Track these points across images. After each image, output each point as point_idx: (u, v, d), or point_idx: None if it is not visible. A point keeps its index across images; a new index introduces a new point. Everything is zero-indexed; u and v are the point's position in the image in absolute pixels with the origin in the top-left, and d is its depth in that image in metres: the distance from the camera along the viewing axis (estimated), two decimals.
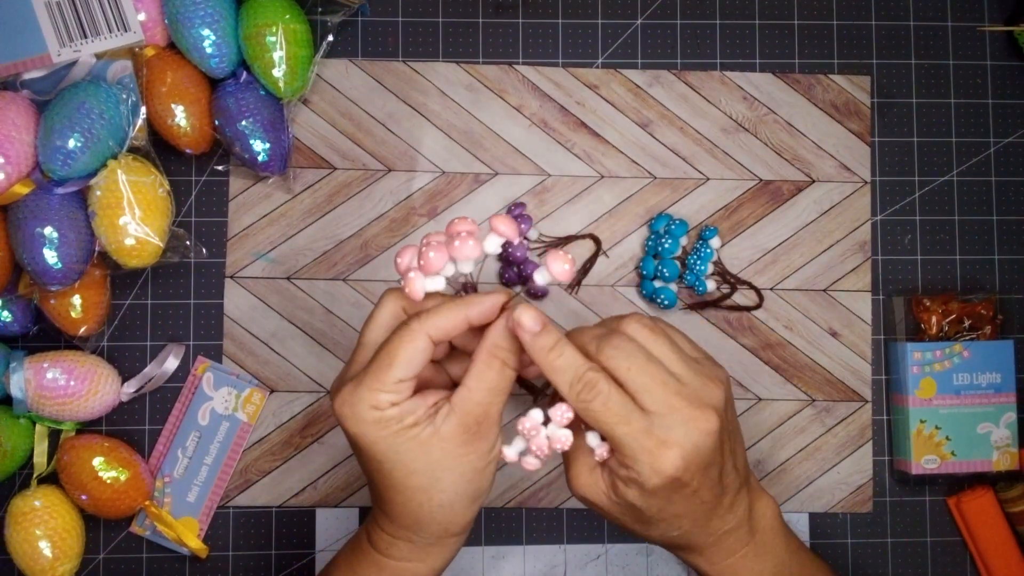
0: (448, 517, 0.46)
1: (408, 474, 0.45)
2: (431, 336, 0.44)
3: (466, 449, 0.45)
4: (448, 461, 0.45)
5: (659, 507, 0.45)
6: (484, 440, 0.45)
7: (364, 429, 0.44)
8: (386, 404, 0.43)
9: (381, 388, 0.43)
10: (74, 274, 0.57)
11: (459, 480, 0.45)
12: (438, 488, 0.45)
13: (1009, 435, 0.64)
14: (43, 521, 0.59)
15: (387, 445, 0.44)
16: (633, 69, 0.66)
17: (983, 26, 0.68)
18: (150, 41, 0.61)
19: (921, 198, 0.67)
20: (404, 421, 0.44)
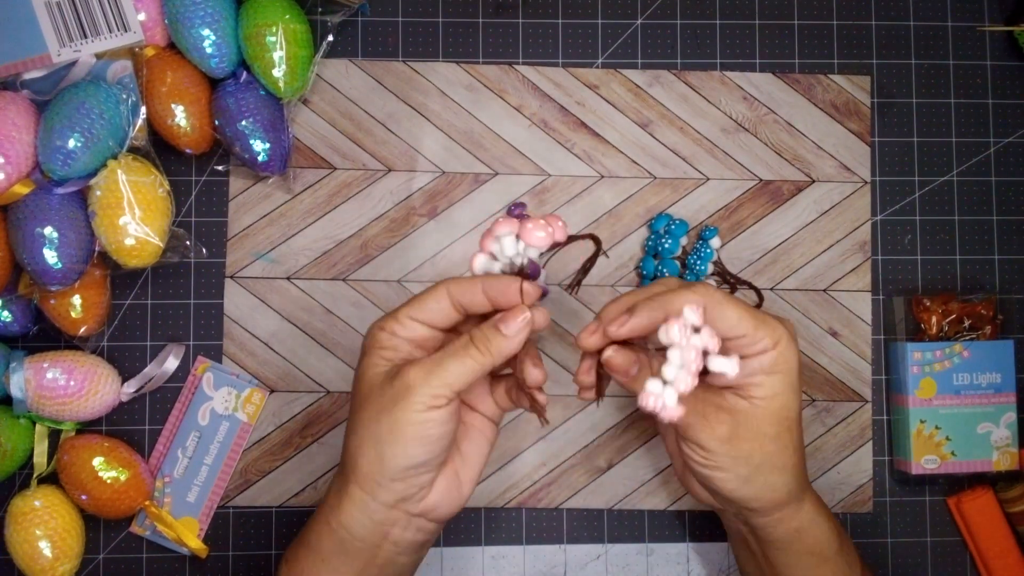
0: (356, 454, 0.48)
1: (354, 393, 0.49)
2: (451, 292, 0.48)
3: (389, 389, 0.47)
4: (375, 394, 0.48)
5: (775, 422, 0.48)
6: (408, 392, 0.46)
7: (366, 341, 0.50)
8: (388, 328, 0.49)
9: (392, 316, 0.49)
10: (74, 274, 0.57)
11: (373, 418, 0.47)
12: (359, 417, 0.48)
13: (1009, 435, 0.64)
14: (43, 521, 0.59)
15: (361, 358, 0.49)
16: (633, 69, 0.66)
17: (983, 26, 0.68)
18: (150, 41, 0.61)
19: (921, 198, 0.67)
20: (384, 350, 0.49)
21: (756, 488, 0.49)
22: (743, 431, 0.48)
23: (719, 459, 0.48)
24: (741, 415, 0.48)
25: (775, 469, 0.49)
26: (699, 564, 0.65)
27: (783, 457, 0.49)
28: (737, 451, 0.48)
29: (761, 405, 0.48)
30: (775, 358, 0.48)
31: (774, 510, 0.51)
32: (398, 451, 0.47)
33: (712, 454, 0.48)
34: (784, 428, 0.49)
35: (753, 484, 0.49)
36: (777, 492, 0.50)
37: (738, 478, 0.49)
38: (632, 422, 0.65)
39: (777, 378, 0.48)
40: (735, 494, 0.50)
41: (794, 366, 0.49)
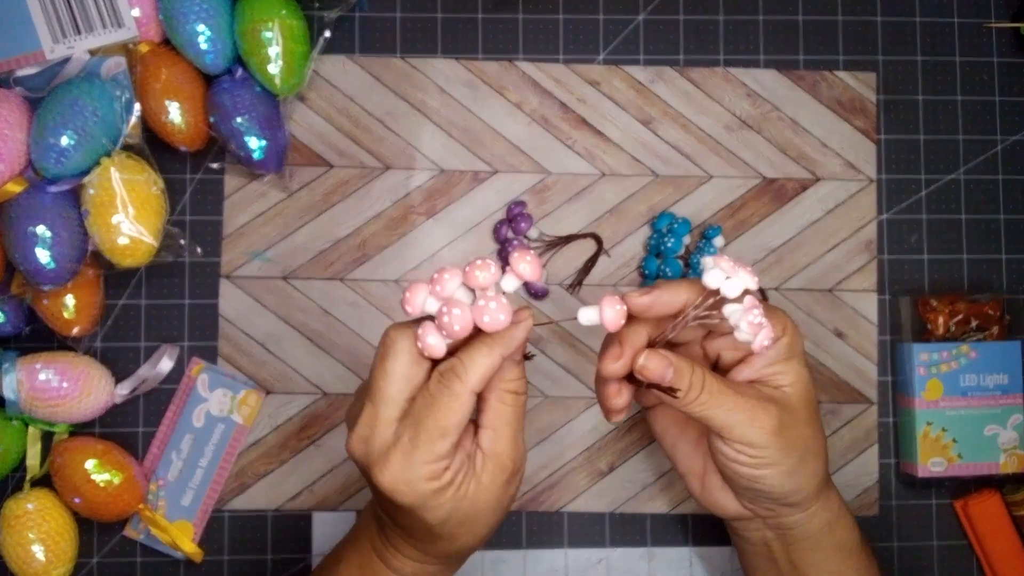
0: (481, 541, 0.48)
1: (459, 523, 0.46)
2: (475, 390, 0.44)
3: (506, 488, 0.47)
4: (493, 504, 0.46)
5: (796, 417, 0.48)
6: (518, 473, 0.47)
7: (422, 501, 0.44)
8: (442, 471, 0.44)
9: (438, 458, 0.44)
10: (67, 274, 0.57)
11: (500, 513, 0.47)
12: (483, 523, 0.47)
13: (1016, 437, 0.63)
14: (36, 524, 0.59)
15: (440, 508, 0.45)
16: (635, 65, 0.66)
17: (990, 22, 0.67)
18: (144, 37, 0.60)
19: (928, 196, 0.66)
20: (455, 485, 0.45)
21: (801, 477, 0.49)
22: (788, 419, 0.47)
23: (769, 453, 0.47)
24: (783, 404, 0.48)
25: (814, 454, 0.49)
26: (702, 569, 0.64)
27: (819, 440, 0.49)
28: (785, 441, 0.47)
29: (791, 392, 0.48)
30: (788, 344, 0.48)
31: (813, 501, 0.50)
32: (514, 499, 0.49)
33: (762, 449, 0.47)
34: (813, 410, 0.49)
35: (798, 474, 0.48)
36: (818, 478, 0.50)
37: (786, 471, 0.48)
38: (634, 424, 0.64)
39: (795, 363, 0.48)
40: (782, 488, 0.49)
41: (802, 349, 0.49)
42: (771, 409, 0.47)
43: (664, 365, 0.46)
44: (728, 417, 0.47)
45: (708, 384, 0.46)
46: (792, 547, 0.52)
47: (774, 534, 0.52)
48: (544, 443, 0.64)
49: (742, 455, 0.48)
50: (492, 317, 0.43)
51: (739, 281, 0.46)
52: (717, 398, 0.46)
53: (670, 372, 0.46)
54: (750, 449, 0.47)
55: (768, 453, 0.47)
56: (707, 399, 0.46)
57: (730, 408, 0.47)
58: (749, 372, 0.49)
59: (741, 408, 0.47)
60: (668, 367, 0.46)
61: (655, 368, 0.46)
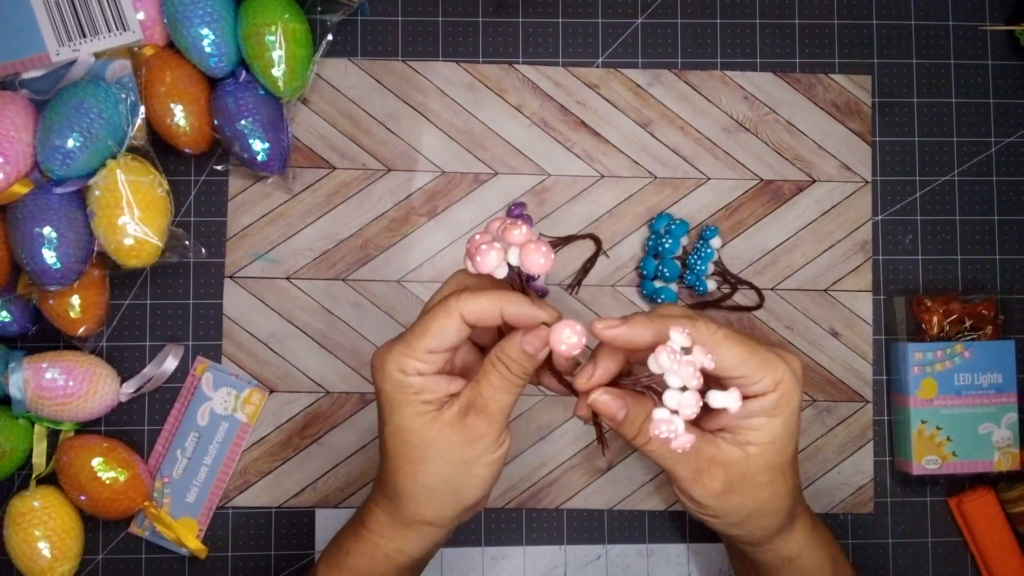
0: (426, 502, 0.48)
1: (402, 443, 0.47)
2: (464, 316, 0.45)
3: (459, 438, 0.46)
4: (440, 444, 0.46)
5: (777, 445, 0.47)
6: (480, 437, 0.46)
7: (385, 386, 0.46)
8: (412, 370, 0.46)
9: (411, 354, 0.46)
10: (73, 274, 0.57)
11: (446, 467, 0.47)
12: (424, 468, 0.47)
13: (1010, 435, 0.64)
14: (42, 522, 0.59)
15: (396, 408, 0.47)
16: (633, 68, 0.66)
17: (984, 25, 0.68)
18: (149, 40, 0.60)
19: (922, 198, 0.67)
20: (421, 394, 0.46)
21: (747, 530, 0.49)
22: (736, 484, 0.47)
23: (711, 509, 0.48)
24: (735, 468, 0.46)
25: (767, 514, 0.48)
26: (699, 565, 0.65)
27: (775, 503, 0.48)
28: (729, 504, 0.47)
29: (756, 453, 0.46)
30: (776, 400, 0.46)
31: (767, 542, 0.50)
32: (476, 491, 0.48)
33: (704, 507, 0.48)
34: (778, 474, 0.47)
35: (744, 527, 0.49)
36: (768, 531, 0.49)
37: (730, 524, 0.49)
38: None
39: (777, 422, 0.46)
40: (727, 533, 0.50)
41: (796, 407, 0.46)
42: (716, 473, 0.46)
43: (617, 406, 0.46)
44: (678, 467, 0.47)
45: None
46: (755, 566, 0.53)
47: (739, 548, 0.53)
48: (543, 441, 0.65)
49: (689, 502, 0.49)
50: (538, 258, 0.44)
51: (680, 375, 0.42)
52: (671, 454, 0.46)
53: (622, 414, 0.46)
54: (693, 503, 0.48)
55: (711, 509, 0.48)
56: (659, 449, 0.47)
57: (676, 460, 0.47)
58: (725, 419, 0.47)
59: (691, 463, 0.46)
60: (621, 409, 0.46)
61: (605, 407, 0.46)
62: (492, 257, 0.44)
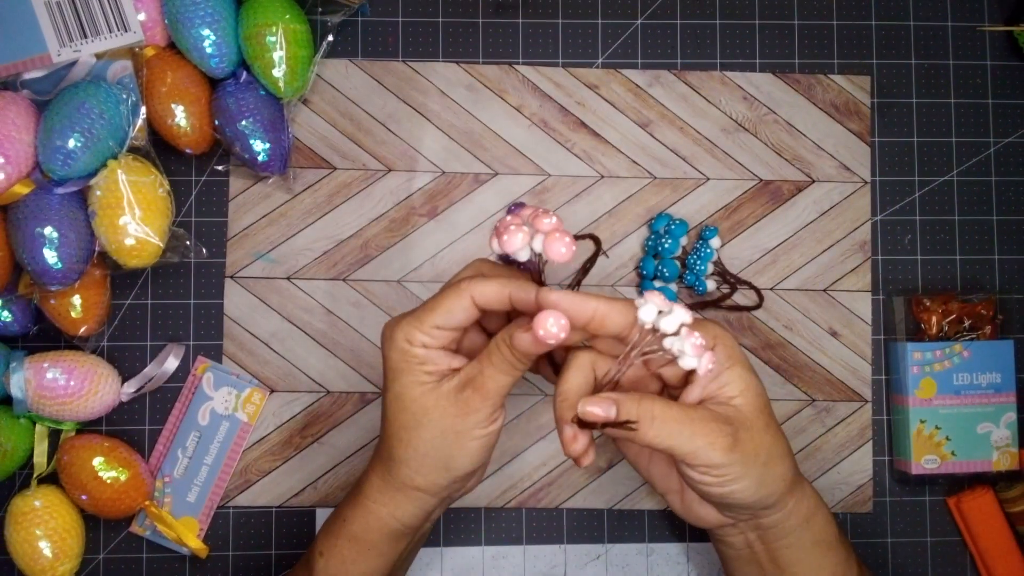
0: (418, 467, 0.50)
1: (401, 409, 0.49)
2: (474, 297, 0.48)
3: (454, 410, 0.48)
4: (435, 413, 0.49)
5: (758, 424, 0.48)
6: (474, 411, 0.48)
7: (391, 353, 0.49)
8: (418, 342, 0.49)
9: (419, 326, 0.48)
10: (74, 274, 0.57)
11: (438, 435, 0.49)
12: (419, 434, 0.49)
13: (1009, 435, 0.64)
14: (43, 521, 0.59)
15: (398, 376, 0.49)
16: (633, 69, 0.66)
17: (983, 26, 0.68)
18: (150, 41, 0.61)
19: (921, 198, 0.67)
20: (424, 365, 0.49)
21: (769, 483, 0.49)
22: (744, 434, 0.48)
23: (733, 470, 0.47)
24: (736, 419, 0.48)
25: (779, 458, 0.49)
26: (699, 564, 0.65)
27: (779, 443, 0.49)
28: (746, 455, 0.47)
29: (741, 402, 0.48)
30: (724, 353, 0.48)
31: (787, 499, 0.50)
32: (465, 462, 0.50)
33: (724, 468, 0.47)
34: (769, 416, 0.49)
35: (766, 481, 0.49)
36: (786, 478, 0.50)
37: (754, 481, 0.48)
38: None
39: (738, 370, 0.48)
40: (754, 496, 0.49)
41: (741, 352, 0.49)
42: (725, 428, 0.47)
43: (606, 406, 0.47)
44: (687, 444, 0.47)
45: (659, 413, 0.47)
46: (774, 545, 0.52)
47: (756, 535, 0.52)
48: (543, 441, 0.65)
49: (707, 476, 0.48)
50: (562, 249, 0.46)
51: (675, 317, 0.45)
52: (672, 427, 0.47)
53: (613, 410, 0.47)
54: (714, 470, 0.47)
55: (732, 470, 0.47)
56: (661, 429, 0.47)
57: (688, 434, 0.47)
58: (697, 392, 0.49)
59: (697, 433, 0.47)
60: (610, 406, 0.47)
61: (597, 411, 0.47)
62: (519, 239, 0.47)
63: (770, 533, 0.52)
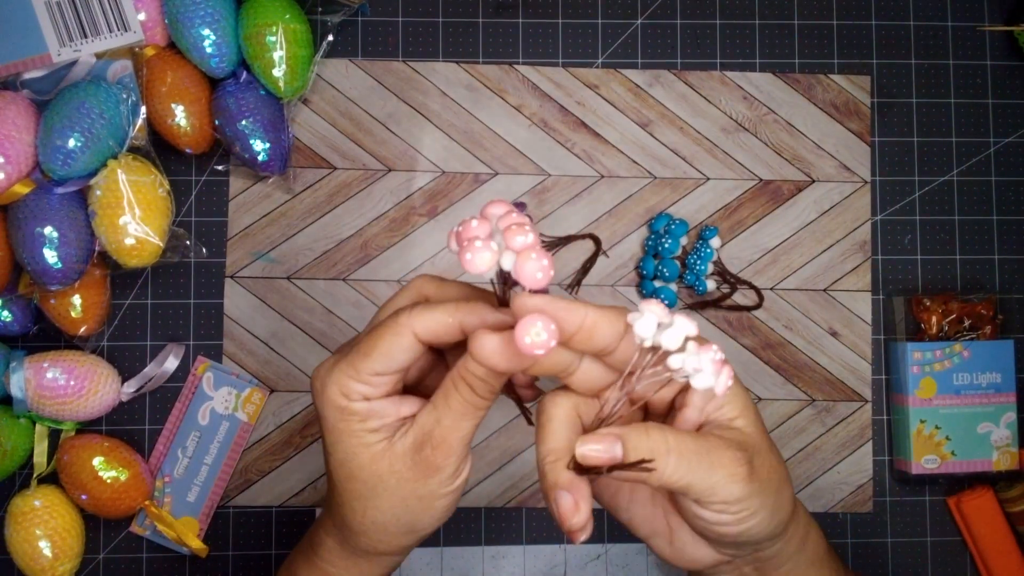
0: (378, 536, 0.44)
1: (349, 477, 0.42)
2: (418, 335, 0.40)
3: (413, 474, 0.41)
4: (392, 481, 0.41)
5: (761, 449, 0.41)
6: (437, 470, 0.41)
7: (326, 412, 0.41)
8: (356, 395, 0.41)
9: (355, 376, 0.40)
10: (74, 274, 0.57)
11: (398, 504, 0.42)
12: (374, 504, 0.42)
13: (1009, 435, 0.64)
14: (43, 521, 0.59)
15: (340, 438, 0.41)
16: (633, 69, 0.66)
17: (983, 26, 0.68)
18: (150, 41, 0.61)
19: (921, 198, 0.67)
20: (367, 423, 0.41)
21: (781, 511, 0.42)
22: (756, 459, 0.41)
23: (752, 504, 0.40)
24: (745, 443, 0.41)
25: (786, 480, 0.43)
26: None
27: (783, 467, 0.43)
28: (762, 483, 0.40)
29: (743, 423, 0.41)
30: None
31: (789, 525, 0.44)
32: (433, 522, 0.43)
33: (745, 502, 0.40)
34: (767, 435, 0.43)
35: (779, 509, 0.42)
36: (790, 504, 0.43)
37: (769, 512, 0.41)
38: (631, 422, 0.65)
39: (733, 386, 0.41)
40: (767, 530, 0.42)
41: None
42: (740, 456, 0.40)
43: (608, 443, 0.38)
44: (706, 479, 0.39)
45: (674, 445, 0.38)
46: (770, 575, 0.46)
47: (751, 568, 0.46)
48: None
49: (724, 515, 0.40)
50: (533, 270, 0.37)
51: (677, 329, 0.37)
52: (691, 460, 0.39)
53: (618, 448, 0.38)
54: (733, 507, 0.40)
55: (751, 503, 0.40)
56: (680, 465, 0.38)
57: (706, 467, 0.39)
58: (695, 416, 0.41)
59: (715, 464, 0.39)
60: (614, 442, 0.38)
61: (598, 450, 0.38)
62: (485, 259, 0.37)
63: (769, 564, 0.45)
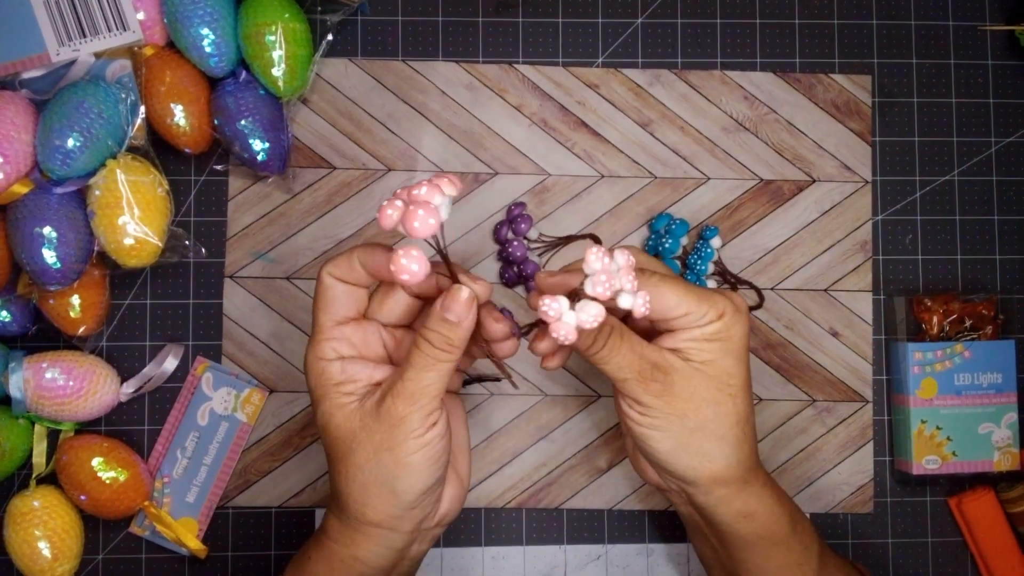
0: (364, 499, 0.46)
1: (331, 440, 0.46)
2: (333, 275, 0.46)
3: (379, 425, 0.45)
4: (362, 435, 0.45)
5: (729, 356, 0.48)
6: (401, 420, 0.44)
7: (309, 380, 0.46)
8: (330, 353, 0.46)
9: (321, 336, 0.46)
10: (73, 274, 0.57)
11: (371, 459, 0.45)
12: (353, 462, 0.46)
13: (1010, 435, 0.64)
14: (42, 521, 0.59)
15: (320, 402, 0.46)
16: (634, 68, 0.66)
17: (984, 25, 0.68)
18: (149, 40, 0.61)
19: (922, 198, 0.67)
20: (342, 386, 0.46)
21: (691, 456, 0.48)
22: (678, 389, 0.47)
23: (653, 414, 0.47)
24: (677, 374, 0.47)
25: (711, 437, 0.48)
26: (699, 565, 0.65)
27: (721, 425, 0.48)
28: (670, 408, 0.47)
29: (699, 368, 0.47)
30: (719, 327, 0.47)
31: (714, 486, 0.49)
32: (411, 481, 0.46)
33: (646, 408, 0.47)
34: (726, 395, 0.48)
35: (688, 451, 0.48)
36: (714, 463, 0.48)
37: (672, 440, 0.48)
38: None
39: (717, 345, 0.47)
40: (670, 459, 0.48)
41: (738, 336, 0.48)
42: (658, 375, 0.47)
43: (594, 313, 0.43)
44: (619, 370, 0.46)
45: (613, 337, 0.46)
46: (712, 527, 0.52)
47: (695, 510, 0.52)
48: (543, 441, 0.65)
49: (631, 410, 0.48)
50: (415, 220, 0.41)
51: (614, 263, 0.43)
52: (615, 352, 0.46)
53: None
54: (636, 405, 0.47)
55: (652, 413, 0.47)
56: (606, 350, 0.46)
57: (621, 363, 0.46)
58: (668, 341, 0.48)
59: (632, 366, 0.46)
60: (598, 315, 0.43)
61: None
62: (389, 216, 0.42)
63: (703, 513, 0.51)
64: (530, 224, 0.64)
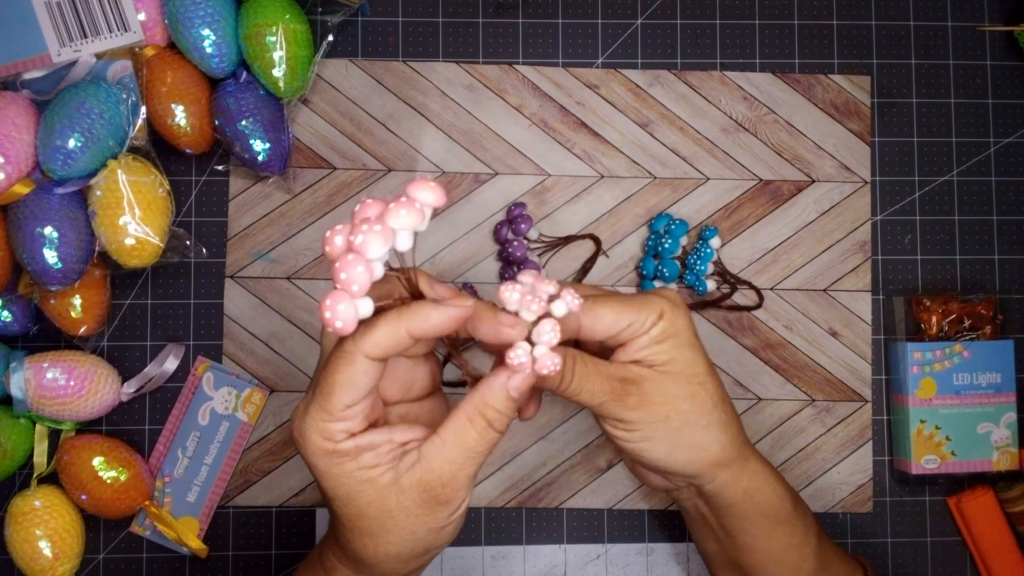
0: (393, 565, 0.44)
1: (357, 515, 0.42)
2: (369, 356, 0.40)
3: (424, 510, 0.42)
4: (402, 517, 0.42)
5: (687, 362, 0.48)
6: (447, 504, 0.42)
7: (316, 461, 0.41)
8: (340, 435, 0.41)
9: (329, 417, 0.41)
10: (74, 274, 0.57)
11: (410, 538, 0.43)
12: (386, 539, 0.43)
13: (1009, 435, 0.64)
14: (43, 521, 0.59)
15: (338, 482, 0.41)
16: (633, 69, 0.66)
17: (983, 26, 0.68)
18: (150, 41, 0.61)
19: (921, 198, 0.67)
20: (360, 460, 0.41)
21: (686, 451, 0.49)
22: (652, 395, 0.47)
23: (640, 427, 0.48)
24: (647, 382, 0.47)
25: (698, 428, 0.49)
26: (699, 564, 0.65)
27: (703, 415, 0.49)
28: (652, 415, 0.47)
29: (663, 369, 0.48)
30: (663, 327, 0.47)
31: (716, 470, 0.50)
32: (445, 543, 0.45)
33: (630, 424, 0.48)
34: (697, 385, 0.48)
35: (681, 448, 0.49)
36: (708, 451, 0.49)
37: (664, 444, 0.48)
38: None
39: (669, 343, 0.48)
40: (667, 462, 0.49)
41: (684, 327, 0.48)
42: (630, 389, 0.47)
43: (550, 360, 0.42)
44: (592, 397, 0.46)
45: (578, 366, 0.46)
46: (720, 514, 0.52)
47: (703, 502, 0.53)
48: (543, 440, 0.65)
49: (617, 431, 0.48)
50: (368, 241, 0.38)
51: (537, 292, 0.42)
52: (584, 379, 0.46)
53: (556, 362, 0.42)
54: (621, 424, 0.48)
55: (638, 426, 0.48)
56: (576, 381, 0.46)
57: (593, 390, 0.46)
58: (625, 355, 0.48)
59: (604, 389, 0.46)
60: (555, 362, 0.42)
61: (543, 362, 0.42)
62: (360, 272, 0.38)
63: (712, 502, 0.52)
64: (530, 224, 0.64)
